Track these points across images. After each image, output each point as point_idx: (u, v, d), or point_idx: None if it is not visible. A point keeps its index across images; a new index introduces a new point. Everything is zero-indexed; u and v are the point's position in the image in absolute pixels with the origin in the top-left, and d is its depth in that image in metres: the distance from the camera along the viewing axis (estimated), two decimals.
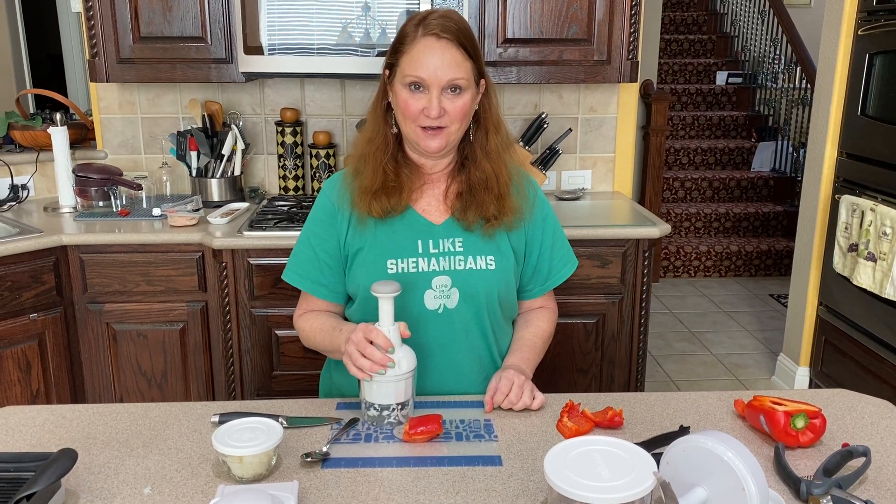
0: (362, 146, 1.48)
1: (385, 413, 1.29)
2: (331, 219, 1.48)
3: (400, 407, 1.30)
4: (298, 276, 1.51)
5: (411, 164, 1.48)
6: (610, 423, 1.29)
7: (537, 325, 1.57)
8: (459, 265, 1.45)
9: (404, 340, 1.30)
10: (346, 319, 1.52)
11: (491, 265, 1.46)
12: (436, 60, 1.36)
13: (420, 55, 1.36)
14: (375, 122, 1.47)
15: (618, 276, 2.44)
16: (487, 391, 1.38)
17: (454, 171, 1.50)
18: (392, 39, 1.44)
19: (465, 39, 1.38)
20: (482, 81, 1.45)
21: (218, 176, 2.72)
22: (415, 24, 1.39)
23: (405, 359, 1.28)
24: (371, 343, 1.26)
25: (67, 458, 1.06)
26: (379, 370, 1.25)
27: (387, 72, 1.44)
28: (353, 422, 1.31)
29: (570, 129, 2.88)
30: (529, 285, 1.57)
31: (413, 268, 1.44)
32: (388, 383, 1.27)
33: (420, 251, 1.45)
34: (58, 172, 2.64)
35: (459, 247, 1.46)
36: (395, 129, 1.46)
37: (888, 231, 2.63)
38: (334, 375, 1.58)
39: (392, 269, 1.44)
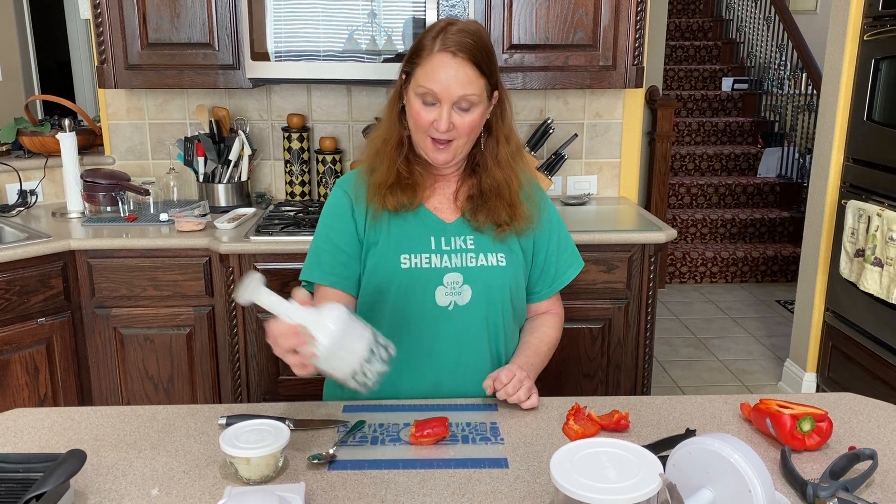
0: (378, 144, 1.50)
1: (367, 371, 1.17)
2: (348, 211, 1.50)
3: (367, 361, 1.16)
4: (321, 272, 1.48)
5: (423, 162, 1.50)
6: (616, 427, 1.29)
7: (543, 331, 1.58)
8: (471, 262, 1.47)
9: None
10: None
11: (502, 262, 1.48)
12: (449, 77, 1.37)
13: (434, 70, 1.37)
14: (391, 123, 1.49)
15: (624, 282, 2.44)
16: (488, 377, 1.38)
17: (465, 174, 1.53)
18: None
19: (480, 56, 1.39)
20: (495, 93, 1.46)
21: (225, 181, 2.73)
22: (432, 37, 1.39)
23: (322, 322, 1.12)
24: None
25: (76, 458, 1.07)
26: (311, 360, 1.15)
27: (403, 76, 1.46)
28: (360, 424, 1.31)
29: (576, 135, 2.89)
30: (537, 287, 1.58)
31: (426, 263, 1.46)
32: (334, 353, 1.14)
33: (433, 247, 1.47)
34: (66, 178, 2.66)
35: (471, 244, 1.48)
36: (409, 133, 1.48)
37: (895, 236, 2.63)
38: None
39: (405, 263, 1.45)
